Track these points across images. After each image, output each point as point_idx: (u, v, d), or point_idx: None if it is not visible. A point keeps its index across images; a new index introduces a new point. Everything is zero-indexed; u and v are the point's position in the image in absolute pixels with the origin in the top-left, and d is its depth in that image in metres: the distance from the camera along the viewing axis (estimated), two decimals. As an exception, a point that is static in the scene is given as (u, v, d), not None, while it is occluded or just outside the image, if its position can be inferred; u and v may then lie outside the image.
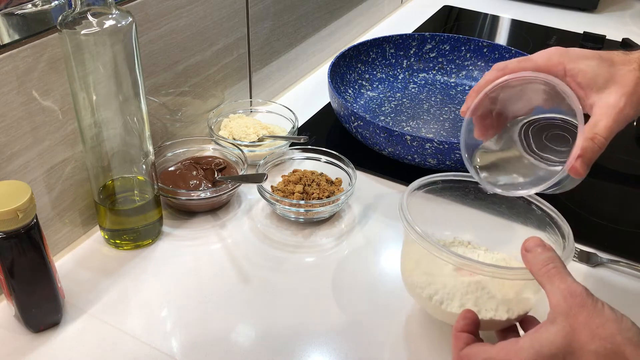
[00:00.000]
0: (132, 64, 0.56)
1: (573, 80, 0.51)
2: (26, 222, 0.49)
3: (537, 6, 1.44)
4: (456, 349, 0.47)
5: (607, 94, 0.49)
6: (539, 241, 0.47)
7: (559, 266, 0.45)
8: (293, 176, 0.74)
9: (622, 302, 0.62)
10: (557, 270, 0.44)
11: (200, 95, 0.82)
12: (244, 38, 0.87)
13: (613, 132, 0.48)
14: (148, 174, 0.64)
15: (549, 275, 0.44)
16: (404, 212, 0.53)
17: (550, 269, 0.44)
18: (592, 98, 0.50)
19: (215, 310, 0.59)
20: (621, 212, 0.76)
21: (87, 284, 0.61)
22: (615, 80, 0.50)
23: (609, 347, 0.40)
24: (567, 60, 0.51)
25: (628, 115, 0.49)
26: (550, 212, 0.56)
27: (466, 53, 1.03)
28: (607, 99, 0.49)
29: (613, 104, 0.49)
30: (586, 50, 0.52)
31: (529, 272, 0.46)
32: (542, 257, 0.45)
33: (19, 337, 0.55)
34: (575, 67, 0.51)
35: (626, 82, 0.49)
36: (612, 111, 0.48)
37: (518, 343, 0.43)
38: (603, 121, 0.48)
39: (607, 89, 0.50)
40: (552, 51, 0.53)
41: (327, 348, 0.56)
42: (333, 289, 0.62)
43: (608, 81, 0.50)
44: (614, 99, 0.49)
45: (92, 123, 0.58)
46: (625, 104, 0.49)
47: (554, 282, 0.43)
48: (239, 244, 0.68)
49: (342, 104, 0.81)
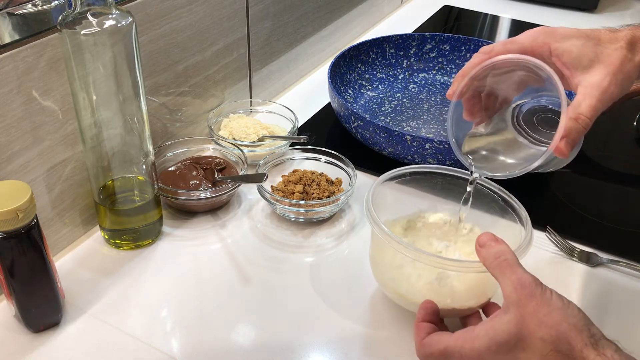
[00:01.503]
0: (132, 64, 0.56)
1: (559, 60, 0.51)
2: (26, 222, 0.49)
3: (537, 6, 1.44)
4: (418, 338, 0.49)
5: (591, 73, 0.49)
6: (492, 236, 0.49)
7: (510, 258, 0.46)
8: (293, 176, 0.74)
9: (622, 301, 0.62)
10: (508, 262, 0.46)
11: (200, 95, 0.82)
12: (244, 38, 0.87)
13: (597, 111, 0.48)
14: (148, 174, 0.64)
15: (501, 268, 0.46)
16: (368, 205, 0.55)
17: (502, 261, 0.46)
18: (577, 77, 0.50)
19: (215, 310, 0.59)
20: (621, 212, 0.76)
21: (87, 284, 0.61)
22: (600, 59, 0.49)
23: (554, 334, 0.42)
24: (553, 40, 0.51)
25: (613, 94, 0.49)
26: (510, 200, 0.58)
27: (466, 53, 1.03)
28: (591, 79, 0.49)
29: (597, 84, 0.48)
30: (572, 29, 0.52)
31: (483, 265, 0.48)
32: (493, 250, 0.47)
33: (19, 337, 0.55)
34: (560, 47, 0.50)
35: (611, 60, 0.49)
36: (595, 91, 0.48)
37: (474, 331, 0.45)
38: (587, 101, 0.48)
39: (592, 68, 0.49)
40: (538, 31, 0.52)
41: (327, 348, 0.56)
42: (333, 289, 0.62)
43: (593, 60, 0.49)
44: (598, 78, 0.48)
45: (92, 123, 0.58)
46: (609, 83, 0.48)
47: (505, 274, 0.45)
48: (239, 244, 0.68)
49: (342, 104, 0.81)
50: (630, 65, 0.49)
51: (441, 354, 0.46)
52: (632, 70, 0.49)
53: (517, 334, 0.43)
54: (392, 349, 0.56)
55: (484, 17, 1.38)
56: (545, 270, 0.65)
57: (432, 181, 0.62)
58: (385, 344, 0.56)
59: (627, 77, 0.49)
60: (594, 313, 0.46)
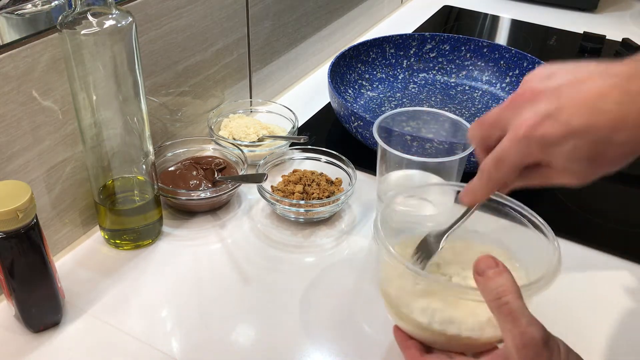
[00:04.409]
0: (132, 64, 0.56)
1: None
2: (26, 222, 0.49)
3: (537, 6, 1.44)
4: (411, 358, 0.47)
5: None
6: (491, 262, 0.42)
7: (512, 301, 0.39)
8: (293, 176, 0.74)
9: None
10: (509, 309, 0.39)
11: (200, 95, 0.82)
12: (244, 38, 0.87)
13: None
14: (148, 174, 0.64)
15: (501, 313, 0.39)
16: (378, 228, 0.50)
17: (502, 305, 0.39)
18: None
19: (215, 310, 0.59)
20: (621, 212, 0.76)
21: (87, 284, 0.61)
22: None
23: None
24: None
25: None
26: (534, 220, 0.52)
27: (466, 53, 1.03)
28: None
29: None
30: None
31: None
32: (493, 285, 0.40)
33: (19, 337, 0.55)
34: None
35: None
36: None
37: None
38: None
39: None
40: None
41: (327, 348, 0.56)
42: (333, 289, 0.62)
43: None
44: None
45: (92, 123, 0.58)
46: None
47: (506, 323, 0.39)
48: (239, 244, 0.68)
49: (342, 104, 0.81)
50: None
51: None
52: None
53: None
54: (393, 349, 0.56)
55: (484, 17, 1.38)
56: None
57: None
58: (386, 344, 0.56)
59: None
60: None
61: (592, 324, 0.60)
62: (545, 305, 0.61)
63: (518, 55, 0.97)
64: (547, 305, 0.62)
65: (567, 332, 0.58)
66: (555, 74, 0.41)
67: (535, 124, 0.40)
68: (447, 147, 0.73)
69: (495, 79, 1.01)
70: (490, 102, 0.97)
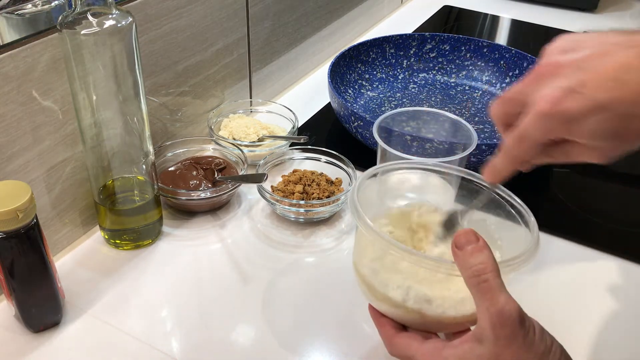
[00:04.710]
0: (132, 64, 0.56)
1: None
2: (26, 222, 0.49)
3: (537, 6, 1.44)
4: (385, 335, 0.47)
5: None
6: (472, 237, 0.41)
7: (490, 279, 0.39)
8: (293, 176, 0.74)
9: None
10: (488, 286, 0.39)
11: (200, 95, 0.82)
12: (244, 38, 0.87)
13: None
14: (148, 174, 0.64)
15: (479, 291, 0.39)
16: (354, 198, 0.49)
17: (480, 283, 0.39)
18: None
19: (215, 310, 0.59)
20: (621, 212, 0.76)
21: (87, 284, 0.61)
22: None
23: None
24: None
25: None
26: (517, 205, 0.51)
27: (466, 53, 1.03)
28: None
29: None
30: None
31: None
32: (473, 261, 0.40)
33: (19, 337, 0.55)
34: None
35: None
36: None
37: (442, 352, 0.42)
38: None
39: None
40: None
41: (327, 348, 0.56)
42: (333, 289, 0.62)
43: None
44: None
45: (92, 123, 0.58)
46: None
47: (483, 300, 0.39)
48: (239, 244, 0.68)
49: (342, 104, 0.81)
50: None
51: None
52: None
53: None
54: (392, 349, 0.56)
55: (484, 17, 1.38)
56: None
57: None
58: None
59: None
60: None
61: (592, 323, 0.60)
62: (545, 304, 0.62)
63: (518, 55, 0.97)
64: (547, 305, 0.62)
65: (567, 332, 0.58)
66: (577, 45, 0.40)
67: (557, 99, 0.38)
68: (447, 147, 0.73)
69: (495, 79, 1.00)
70: (490, 102, 0.97)
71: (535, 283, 0.64)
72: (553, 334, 0.41)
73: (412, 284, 0.46)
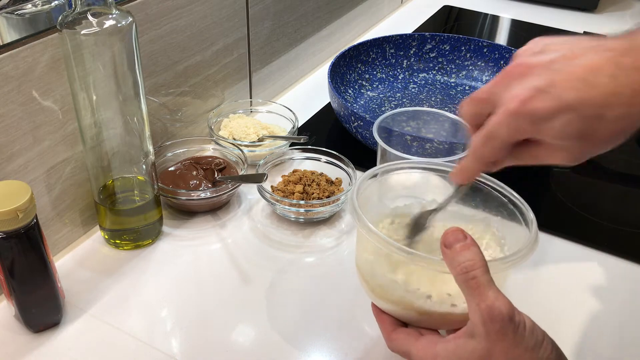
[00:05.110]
0: (132, 64, 0.56)
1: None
2: (26, 222, 0.49)
3: (537, 6, 1.44)
4: (385, 330, 0.47)
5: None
6: (459, 235, 0.41)
7: (479, 276, 0.39)
8: (293, 176, 0.74)
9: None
10: (477, 282, 0.39)
11: (200, 95, 0.82)
12: (244, 38, 0.87)
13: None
14: (148, 174, 0.64)
15: (469, 287, 0.40)
16: (353, 199, 0.49)
17: (469, 279, 0.39)
18: None
19: (215, 310, 0.59)
20: (621, 212, 0.76)
21: (87, 284, 0.61)
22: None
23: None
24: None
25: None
26: (515, 200, 0.52)
27: (466, 53, 1.03)
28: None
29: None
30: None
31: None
32: (461, 258, 0.40)
33: (19, 337, 0.55)
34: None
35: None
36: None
37: (436, 347, 0.42)
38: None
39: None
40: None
41: (327, 348, 0.56)
42: (333, 289, 0.62)
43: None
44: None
45: (92, 123, 0.58)
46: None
47: (473, 297, 0.39)
48: (239, 244, 0.68)
49: (342, 104, 0.81)
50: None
51: (405, 356, 0.45)
52: None
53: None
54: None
55: (484, 17, 1.38)
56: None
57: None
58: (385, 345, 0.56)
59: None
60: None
61: (592, 323, 0.60)
62: (545, 304, 0.62)
63: (518, 55, 0.97)
64: (546, 304, 0.62)
65: (566, 331, 0.58)
66: (547, 48, 0.40)
67: (526, 98, 0.38)
68: (447, 147, 0.73)
69: (495, 79, 1.00)
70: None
71: (534, 282, 0.64)
72: (552, 333, 0.41)
73: (410, 282, 0.46)
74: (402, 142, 0.74)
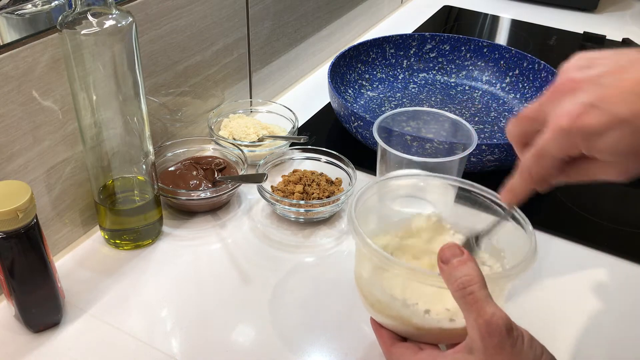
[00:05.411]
0: (132, 64, 0.56)
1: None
2: (26, 222, 0.49)
3: (537, 6, 1.44)
4: (384, 344, 0.47)
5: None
6: (456, 250, 0.42)
7: (476, 291, 0.40)
8: (293, 176, 0.74)
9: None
10: (474, 298, 0.39)
11: (200, 95, 0.82)
12: (244, 38, 0.87)
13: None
14: (148, 174, 0.64)
15: (466, 303, 0.40)
16: (352, 213, 0.49)
17: (467, 295, 0.40)
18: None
19: (215, 310, 0.59)
20: (621, 212, 0.76)
21: (87, 284, 0.61)
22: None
23: None
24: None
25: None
26: (517, 216, 0.51)
27: (466, 53, 1.03)
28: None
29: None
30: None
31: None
32: (458, 274, 0.41)
33: (19, 337, 0.55)
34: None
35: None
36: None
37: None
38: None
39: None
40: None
41: (327, 348, 0.56)
42: (333, 289, 0.62)
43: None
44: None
45: (92, 123, 0.58)
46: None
47: (470, 312, 0.39)
48: (239, 244, 0.68)
49: (342, 104, 0.81)
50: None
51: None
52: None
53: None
54: (392, 349, 0.56)
55: (484, 17, 1.38)
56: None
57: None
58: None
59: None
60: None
61: (592, 323, 0.60)
62: (544, 304, 0.62)
63: (518, 55, 0.97)
64: (546, 305, 0.62)
65: (566, 332, 0.58)
66: (594, 62, 0.40)
67: (578, 114, 0.38)
68: (447, 147, 0.73)
69: (495, 79, 1.01)
70: (490, 102, 0.97)
71: (534, 282, 0.64)
72: (552, 333, 0.41)
73: (409, 297, 0.46)
74: (402, 142, 0.74)
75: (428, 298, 0.46)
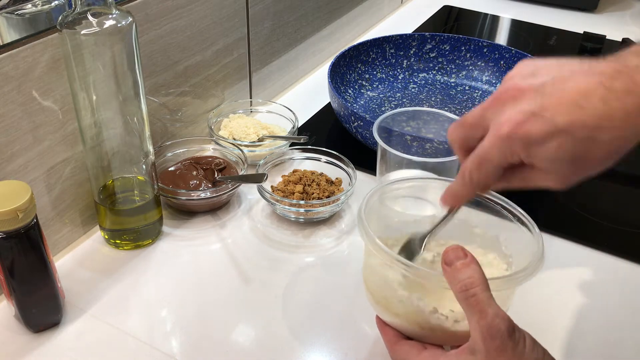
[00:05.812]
0: (132, 64, 0.56)
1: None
2: (26, 222, 0.49)
3: (537, 6, 1.44)
4: (388, 342, 0.48)
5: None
6: (460, 253, 0.42)
7: (479, 293, 0.40)
8: (293, 176, 0.74)
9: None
10: (477, 300, 0.40)
11: (200, 95, 0.82)
12: (244, 38, 0.87)
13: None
14: (148, 174, 0.64)
15: (469, 305, 0.40)
16: (361, 215, 0.50)
17: (469, 297, 0.40)
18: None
19: (215, 310, 0.59)
20: (621, 212, 0.76)
21: (87, 284, 0.61)
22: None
23: None
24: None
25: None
26: (521, 217, 0.52)
27: (466, 53, 1.03)
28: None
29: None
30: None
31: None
32: (461, 276, 0.41)
33: (19, 337, 0.55)
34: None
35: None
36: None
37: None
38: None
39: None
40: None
41: (327, 348, 0.56)
42: (333, 289, 0.62)
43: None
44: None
45: (92, 123, 0.58)
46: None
47: (473, 314, 0.40)
48: (239, 244, 0.68)
49: (342, 104, 0.81)
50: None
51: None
52: None
53: None
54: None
55: (484, 17, 1.38)
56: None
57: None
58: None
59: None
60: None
61: (592, 323, 0.60)
62: (544, 304, 0.62)
63: (518, 55, 0.97)
64: (546, 305, 0.62)
65: (566, 331, 0.58)
66: (538, 71, 0.40)
67: (519, 122, 0.38)
68: (447, 147, 0.73)
69: (495, 79, 1.01)
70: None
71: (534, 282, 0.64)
72: (551, 333, 0.41)
73: (414, 296, 0.46)
74: (402, 142, 0.74)
75: (434, 299, 0.47)
